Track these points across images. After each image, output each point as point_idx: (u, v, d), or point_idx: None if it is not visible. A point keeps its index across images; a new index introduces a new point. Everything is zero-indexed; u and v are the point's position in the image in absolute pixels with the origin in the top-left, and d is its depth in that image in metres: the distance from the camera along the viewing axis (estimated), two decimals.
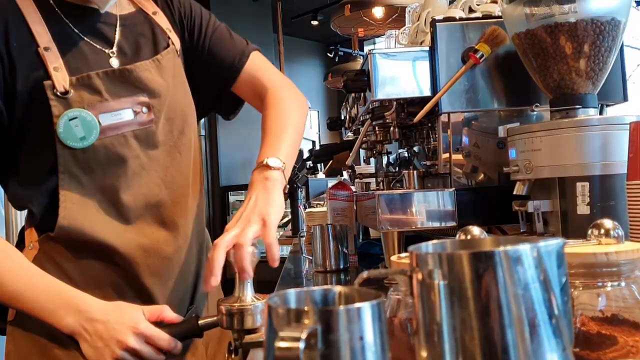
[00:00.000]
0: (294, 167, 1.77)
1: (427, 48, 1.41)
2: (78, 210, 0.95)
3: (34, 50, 0.92)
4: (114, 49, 1.02)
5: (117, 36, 1.03)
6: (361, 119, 1.78)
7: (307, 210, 2.82)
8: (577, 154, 1.11)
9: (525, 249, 0.49)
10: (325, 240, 1.63)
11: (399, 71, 1.41)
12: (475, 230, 0.78)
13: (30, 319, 0.92)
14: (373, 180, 2.14)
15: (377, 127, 1.67)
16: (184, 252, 1.05)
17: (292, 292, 0.58)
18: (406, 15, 1.89)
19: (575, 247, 0.70)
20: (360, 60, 5.48)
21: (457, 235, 0.79)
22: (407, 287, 0.56)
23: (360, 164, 2.61)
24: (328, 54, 7.82)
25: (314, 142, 7.92)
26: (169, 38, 1.09)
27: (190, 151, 1.08)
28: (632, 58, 1.39)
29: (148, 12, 1.10)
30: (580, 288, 0.67)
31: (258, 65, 1.18)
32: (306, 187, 3.81)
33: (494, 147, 1.38)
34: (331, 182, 2.22)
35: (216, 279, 0.84)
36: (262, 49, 1.24)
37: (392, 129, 1.57)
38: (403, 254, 0.89)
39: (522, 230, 1.26)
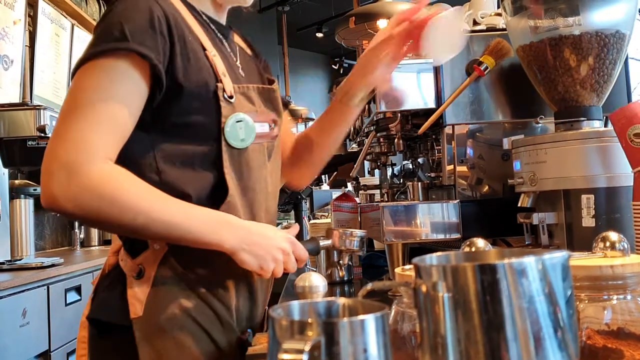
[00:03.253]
0: None
1: (431, 60, 1.42)
2: (235, 206, 1.02)
3: (203, 54, 1.01)
4: (240, 66, 1.12)
5: (238, 56, 1.14)
6: (365, 131, 1.79)
7: (312, 221, 2.81)
8: (582, 166, 1.11)
9: (530, 262, 0.49)
10: (329, 252, 1.63)
11: (403, 83, 1.41)
12: (480, 243, 0.78)
13: (161, 312, 0.96)
14: (377, 191, 2.14)
15: (381, 139, 1.68)
16: None
17: (295, 304, 0.58)
18: None
19: (580, 259, 0.69)
20: None
21: (462, 248, 0.78)
22: (411, 300, 0.56)
23: (364, 176, 2.61)
24: (333, 66, 7.85)
25: None
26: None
27: (278, 173, 1.19)
28: (636, 70, 1.39)
29: (247, 51, 1.23)
30: (586, 301, 0.67)
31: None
32: (310, 198, 3.80)
33: (499, 159, 1.38)
34: (335, 194, 2.23)
35: None
36: (267, 61, 1.29)
37: (396, 140, 1.58)
38: (407, 266, 0.89)
39: (527, 243, 1.26)
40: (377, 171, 2.06)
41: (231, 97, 1.01)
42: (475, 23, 1.58)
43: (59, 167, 0.86)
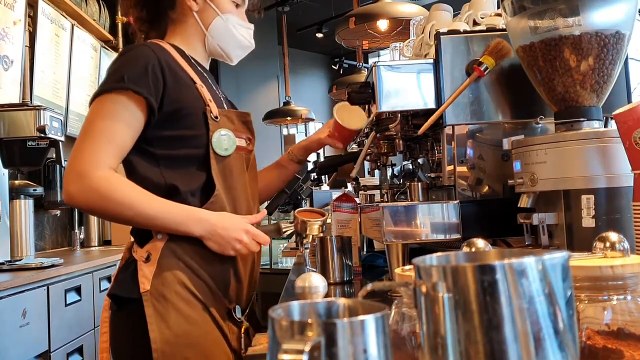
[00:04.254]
0: (298, 178, 1.80)
1: (431, 60, 1.42)
2: (222, 200, 1.29)
3: (193, 86, 1.31)
4: (222, 97, 1.44)
5: (220, 93, 1.45)
6: (366, 131, 1.79)
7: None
8: (581, 166, 1.11)
9: (530, 262, 0.49)
10: (329, 252, 1.63)
11: (403, 83, 1.41)
12: (480, 243, 0.78)
13: (164, 285, 1.22)
14: (377, 192, 2.14)
15: (381, 139, 1.68)
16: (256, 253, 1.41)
17: (295, 304, 0.57)
18: (411, 27, 1.90)
19: (580, 260, 0.69)
20: (365, 72, 5.49)
21: (462, 248, 0.78)
22: (411, 300, 0.56)
23: (364, 176, 2.61)
24: (333, 66, 7.84)
25: (318, 154, 7.90)
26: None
27: (256, 182, 1.48)
28: (636, 70, 1.39)
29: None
30: (586, 301, 0.67)
31: None
32: (310, 198, 3.80)
33: (499, 160, 1.38)
34: (335, 194, 2.22)
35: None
36: (266, 61, 1.39)
37: (396, 141, 1.57)
38: (407, 267, 0.89)
39: (527, 243, 1.26)
40: (377, 171, 2.06)
41: (216, 117, 1.31)
42: (475, 23, 1.58)
43: (75, 173, 1.18)
